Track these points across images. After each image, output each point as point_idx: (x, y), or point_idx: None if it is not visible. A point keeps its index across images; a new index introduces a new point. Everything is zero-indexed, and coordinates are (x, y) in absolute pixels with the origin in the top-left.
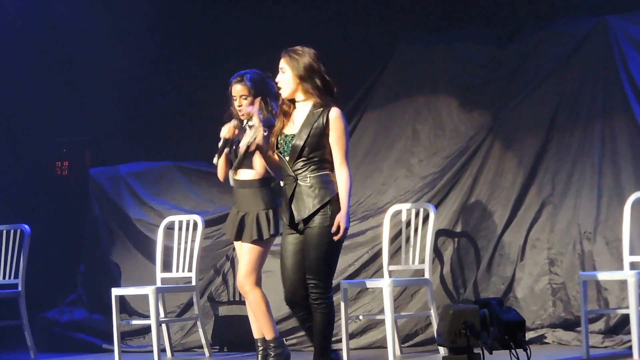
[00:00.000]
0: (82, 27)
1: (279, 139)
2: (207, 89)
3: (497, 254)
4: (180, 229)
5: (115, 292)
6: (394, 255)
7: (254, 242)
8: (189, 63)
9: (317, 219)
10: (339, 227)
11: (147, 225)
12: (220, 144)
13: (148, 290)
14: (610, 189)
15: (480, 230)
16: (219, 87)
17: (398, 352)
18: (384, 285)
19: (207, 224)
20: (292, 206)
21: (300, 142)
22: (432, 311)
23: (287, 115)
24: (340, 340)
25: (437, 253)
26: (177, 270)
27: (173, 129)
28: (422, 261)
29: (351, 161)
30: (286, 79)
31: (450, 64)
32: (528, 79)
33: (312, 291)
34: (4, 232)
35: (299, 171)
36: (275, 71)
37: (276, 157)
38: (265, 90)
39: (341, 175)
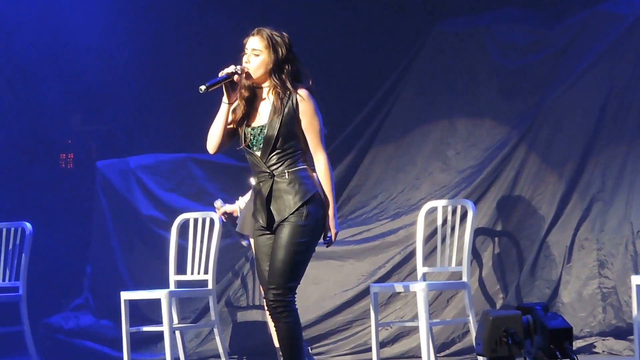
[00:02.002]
0: (90, 16)
1: (245, 132)
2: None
3: (542, 255)
4: (195, 227)
5: (125, 296)
6: (429, 256)
7: None
8: (205, 49)
9: (291, 217)
10: (333, 235)
11: (160, 223)
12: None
13: (160, 294)
14: None
15: (523, 229)
16: None
17: None
18: (418, 289)
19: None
20: (272, 206)
21: (273, 133)
22: (470, 317)
23: (249, 103)
24: (370, 349)
25: (475, 254)
26: (192, 273)
27: (187, 118)
28: (459, 263)
29: (382, 153)
30: (258, 62)
31: (490, 47)
32: (575, 62)
33: (270, 298)
34: (4, 230)
35: (275, 166)
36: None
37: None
38: None
39: (319, 162)
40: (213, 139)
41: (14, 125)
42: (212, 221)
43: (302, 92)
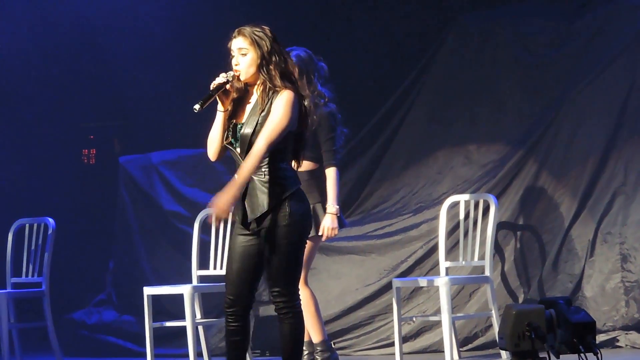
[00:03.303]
0: (112, 12)
1: (230, 128)
2: None
3: (564, 249)
4: None
5: (148, 291)
6: (451, 250)
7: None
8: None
9: (275, 218)
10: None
11: (182, 218)
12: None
13: (183, 290)
14: None
15: (546, 224)
16: None
17: (456, 357)
18: (441, 283)
19: None
20: (246, 203)
21: (249, 130)
22: (493, 312)
23: (239, 101)
24: (392, 344)
25: (498, 248)
26: (215, 268)
27: (210, 114)
28: (481, 257)
29: (403, 148)
30: (248, 61)
31: (512, 41)
32: (598, 57)
33: (276, 300)
34: (27, 226)
35: None
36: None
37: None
38: (311, 69)
39: (250, 158)
40: (212, 147)
41: (36, 120)
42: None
43: (284, 94)
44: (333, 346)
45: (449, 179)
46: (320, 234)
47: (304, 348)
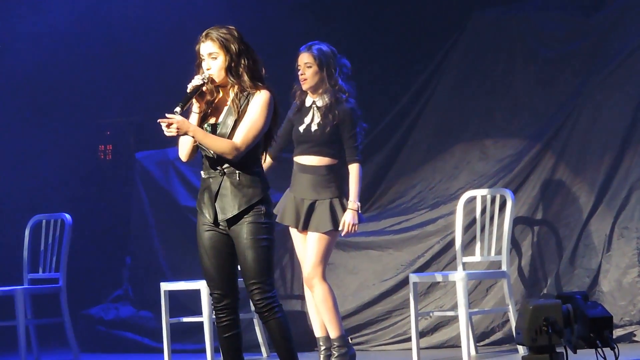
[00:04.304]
0: (130, 8)
1: (203, 128)
2: (266, 67)
3: (581, 244)
4: None
5: (165, 287)
6: (468, 245)
7: (326, 232)
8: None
9: (248, 218)
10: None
11: None
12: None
13: (200, 285)
14: None
15: (563, 218)
16: (279, 66)
17: (473, 352)
18: (457, 278)
19: None
20: (217, 204)
21: (225, 131)
22: (509, 307)
23: (211, 101)
24: (409, 339)
25: (515, 243)
26: None
27: None
28: (498, 252)
29: (420, 143)
30: (219, 64)
31: (528, 35)
32: (615, 51)
33: (257, 298)
34: (44, 222)
35: (227, 165)
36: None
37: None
38: (332, 63)
39: (222, 140)
40: (184, 147)
41: (53, 117)
42: None
43: (260, 92)
44: (350, 341)
45: (465, 174)
46: (340, 229)
47: (321, 343)
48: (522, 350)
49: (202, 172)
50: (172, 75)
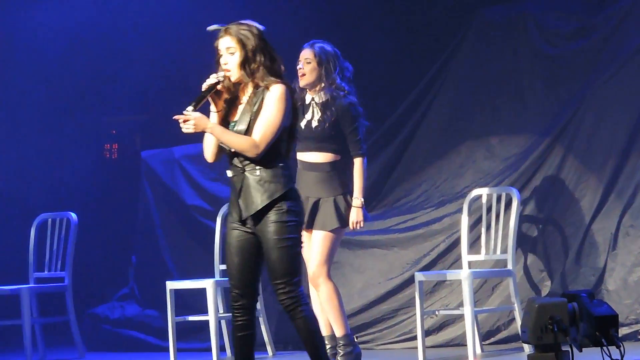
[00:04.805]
0: (135, 6)
1: (224, 127)
2: None
3: (587, 243)
4: None
5: (170, 285)
6: (474, 244)
7: (332, 230)
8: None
9: (272, 216)
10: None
11: (205, 212)
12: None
13: (206, 284)
14: None
15: (568, 217)
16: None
17: (479, 350)
18: (463, 277)
19: None
20: (240, 201)
21: (242, 128)
22: (515, 305)
23: (231, 100)
24: (415, 338)
25: (520, 242)
26: None
27: None
28: (504, 251)
29: (426, 141)
30: (236, 61)
31: (534, 34)
32: (620, 49)
33: (283, 298)
34: (49, 221)
35: (247, 162)
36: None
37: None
38: (332, 61)
39: (240, 137)
40: (208, 149)
41: (59, 115)
42: None
43: (274, 87)
44: (356, 340)
45: (471, 173)
46: (347, 226)
47: (327, 342)
48: (527, 348)
49: (228, 172)
50: (179, 73)
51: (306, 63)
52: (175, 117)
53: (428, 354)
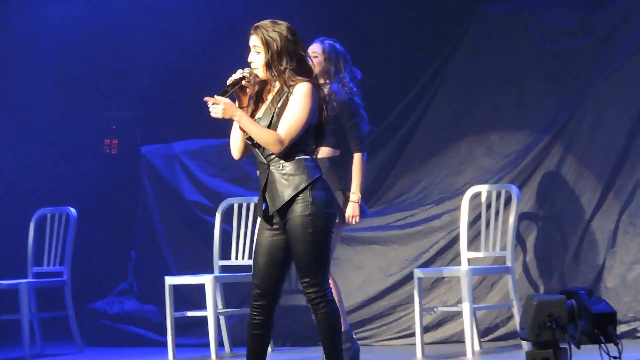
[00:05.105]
0: (134, 2)
1: None
2: None
3: (586, 240)
4: (240, 212)
5: (169, 281)
6: (473, 241)
7: None
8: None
9: (297, 209)
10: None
11: (204, 208)
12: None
13: (205, 280)
14: None
15: (567, 214)
16: None
17: (477, 347)
18: (462, 274)
19: None
20: (266, 196)
21: (264, 124)
22: (514, 302)
23: (259, 96)
24: (413, 334)
25: (519, 239)
26: (237, 258)
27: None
28: (503, 248)
29: (426, 138)
30: (261, 60)
31: (534, 31)
32: (620, 46)
33: (307, 291)
34: (49, 215)
35: (271, 157)
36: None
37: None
38: (340, 61)
39: (266, 130)
40: (235, 145)
41: (59, 110)
42: (256, 207)
43: (300, 85)
44: (354, 336)
45: (471, 170)
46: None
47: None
48: (526, 345)
49: (257, 172)
50: (179, 69)
51: (313, 57)
52: (206, 98)
53: (427, 350)
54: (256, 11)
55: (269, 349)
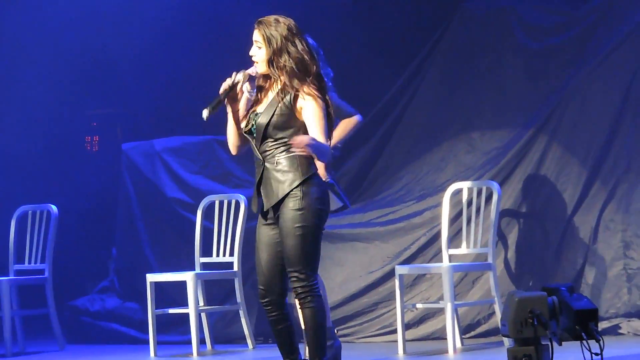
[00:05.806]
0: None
1: (250, 117)
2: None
3: (567, 237)
4: (221, 209)
5: (151, 278)
6: (454, 238)
7: None
8: (234, 32)
9: (289, 204)
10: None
11: (185, 205)
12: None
13: (186, 277)
14: None
15: (549, 211)
16: None
17: (459, 344)
18: (443, 270)
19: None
20: (262, 191)
21: (264, 121)
22: (495, 299)
23: (262, 91)
24: (395, 331)
25: (501, 236)
26: (218, 255)
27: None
28: (484, 244)
29: (407, 135)
30: (262, 55)
31: (515, 27)
32: (602, 43)
33: (294, 285)
34: (29, 213)
35: (267, 153)
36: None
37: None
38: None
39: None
40: (231, 141)
41: (40, 107)
42: (237, 203)
43: (306, 90)
44: (336, 333)
45: (452, 166)
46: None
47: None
48: (507, 342)
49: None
50: (161, 66)
51: None
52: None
53: (408, 347)
54: (240, 5)
55: (250, 346)
